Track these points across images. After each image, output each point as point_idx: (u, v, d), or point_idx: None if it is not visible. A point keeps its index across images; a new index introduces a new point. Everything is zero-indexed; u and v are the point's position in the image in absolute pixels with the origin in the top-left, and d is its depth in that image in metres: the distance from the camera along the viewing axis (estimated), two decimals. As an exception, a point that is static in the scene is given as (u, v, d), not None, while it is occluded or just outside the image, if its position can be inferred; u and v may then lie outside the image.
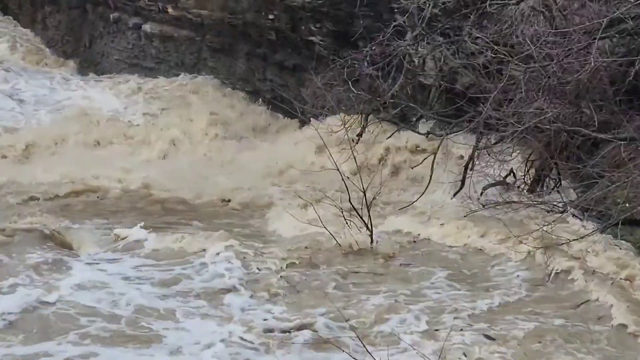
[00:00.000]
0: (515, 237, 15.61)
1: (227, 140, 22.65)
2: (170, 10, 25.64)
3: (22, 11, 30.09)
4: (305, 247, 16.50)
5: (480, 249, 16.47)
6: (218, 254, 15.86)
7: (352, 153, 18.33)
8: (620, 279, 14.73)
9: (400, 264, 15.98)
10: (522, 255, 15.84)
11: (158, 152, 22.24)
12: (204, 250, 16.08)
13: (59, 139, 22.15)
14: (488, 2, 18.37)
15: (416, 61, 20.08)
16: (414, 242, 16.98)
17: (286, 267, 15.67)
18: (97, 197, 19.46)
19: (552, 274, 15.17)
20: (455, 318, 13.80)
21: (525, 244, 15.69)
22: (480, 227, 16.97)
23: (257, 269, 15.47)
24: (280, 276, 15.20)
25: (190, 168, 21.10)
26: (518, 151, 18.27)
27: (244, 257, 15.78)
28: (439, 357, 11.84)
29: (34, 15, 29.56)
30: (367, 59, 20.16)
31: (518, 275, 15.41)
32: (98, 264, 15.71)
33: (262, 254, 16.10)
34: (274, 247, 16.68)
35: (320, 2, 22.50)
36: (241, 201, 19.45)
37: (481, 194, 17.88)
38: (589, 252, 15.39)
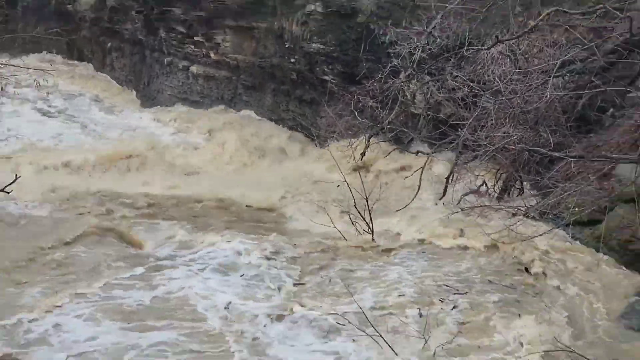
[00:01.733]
0: (487, 234, 15.67)
1: (258, 158, 22.65)
2: (212, 55, 25.79)
3: (94, 57, 30.33)
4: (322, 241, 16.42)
5: (458, 245, 16.39)
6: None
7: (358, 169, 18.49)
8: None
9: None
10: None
11: (202, 167, 22.28)
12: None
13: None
14: (465, 48, 18.50)
15: (408, 95, 20.17)
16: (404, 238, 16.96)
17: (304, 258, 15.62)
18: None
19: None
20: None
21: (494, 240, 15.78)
22: (456, 227, 17.00)
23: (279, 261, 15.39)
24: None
25: (228, 180, 21.01)
26: (489, 167, 18.34)
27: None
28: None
29: (104, 60, 29.74)
30: (369, 93, 20.29)
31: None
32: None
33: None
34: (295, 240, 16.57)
35: (332, 48, 22.66)
36: (269, 206, 19.37)
37: (459, 200, 17.89)
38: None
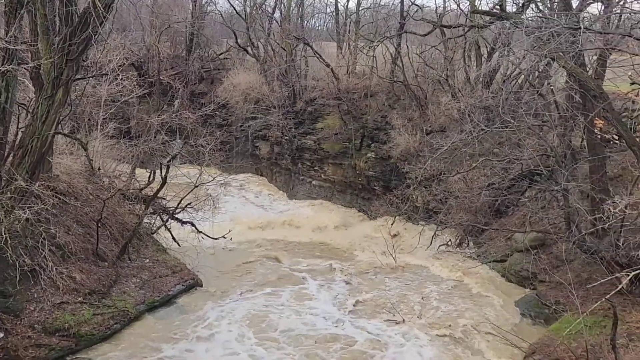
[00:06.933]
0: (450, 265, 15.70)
1: (340, 224, 22.17)
2: (322, 176, 25.53)
3: (267, 175, 30.09)
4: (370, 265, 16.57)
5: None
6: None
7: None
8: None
9: None
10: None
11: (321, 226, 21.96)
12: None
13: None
14: (442, 174, 18.66)
15: (414, 196, 19.66)
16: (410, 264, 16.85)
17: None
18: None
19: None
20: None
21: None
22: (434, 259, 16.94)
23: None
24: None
25: (323, 234, 20.84)
26: (453, 231, 18.10)
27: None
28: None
29: (271, 175, 29.50)
30: (396, 196, 20.16)
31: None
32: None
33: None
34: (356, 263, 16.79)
35: (378, 174, 22.84)
36: (344, 247, 19.24)
37: (437, 248, 17.64)
38: None
